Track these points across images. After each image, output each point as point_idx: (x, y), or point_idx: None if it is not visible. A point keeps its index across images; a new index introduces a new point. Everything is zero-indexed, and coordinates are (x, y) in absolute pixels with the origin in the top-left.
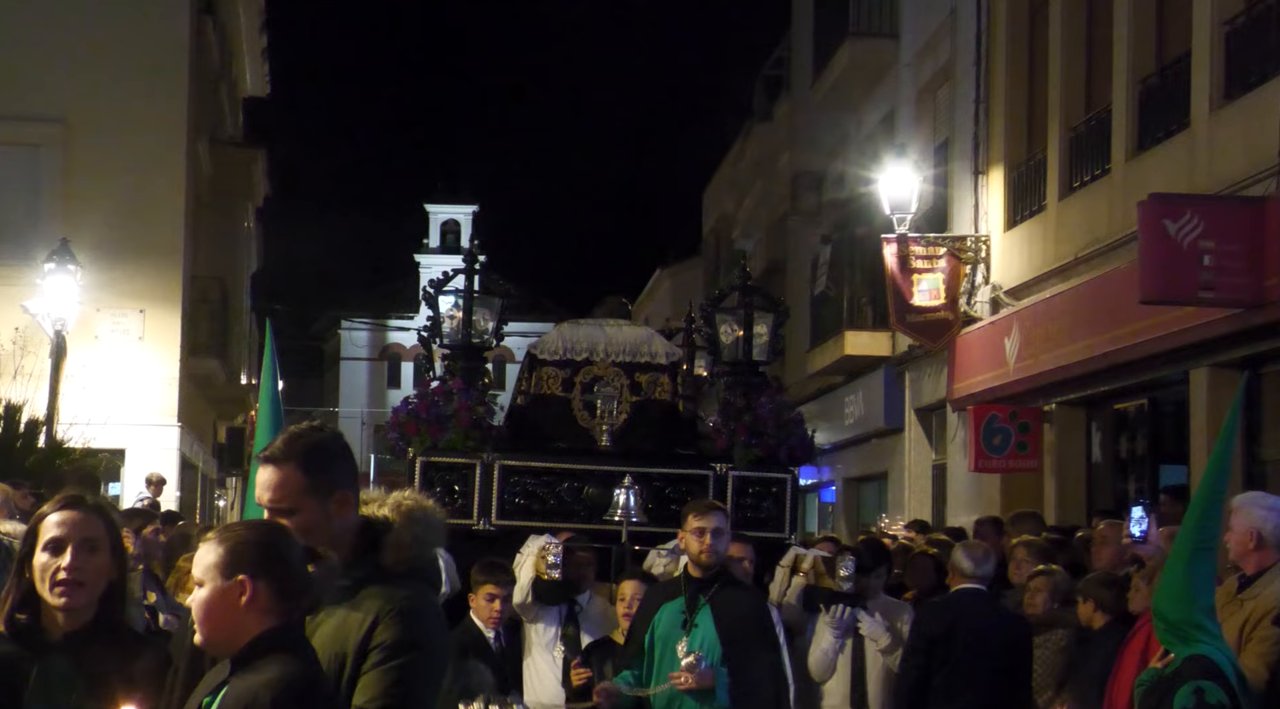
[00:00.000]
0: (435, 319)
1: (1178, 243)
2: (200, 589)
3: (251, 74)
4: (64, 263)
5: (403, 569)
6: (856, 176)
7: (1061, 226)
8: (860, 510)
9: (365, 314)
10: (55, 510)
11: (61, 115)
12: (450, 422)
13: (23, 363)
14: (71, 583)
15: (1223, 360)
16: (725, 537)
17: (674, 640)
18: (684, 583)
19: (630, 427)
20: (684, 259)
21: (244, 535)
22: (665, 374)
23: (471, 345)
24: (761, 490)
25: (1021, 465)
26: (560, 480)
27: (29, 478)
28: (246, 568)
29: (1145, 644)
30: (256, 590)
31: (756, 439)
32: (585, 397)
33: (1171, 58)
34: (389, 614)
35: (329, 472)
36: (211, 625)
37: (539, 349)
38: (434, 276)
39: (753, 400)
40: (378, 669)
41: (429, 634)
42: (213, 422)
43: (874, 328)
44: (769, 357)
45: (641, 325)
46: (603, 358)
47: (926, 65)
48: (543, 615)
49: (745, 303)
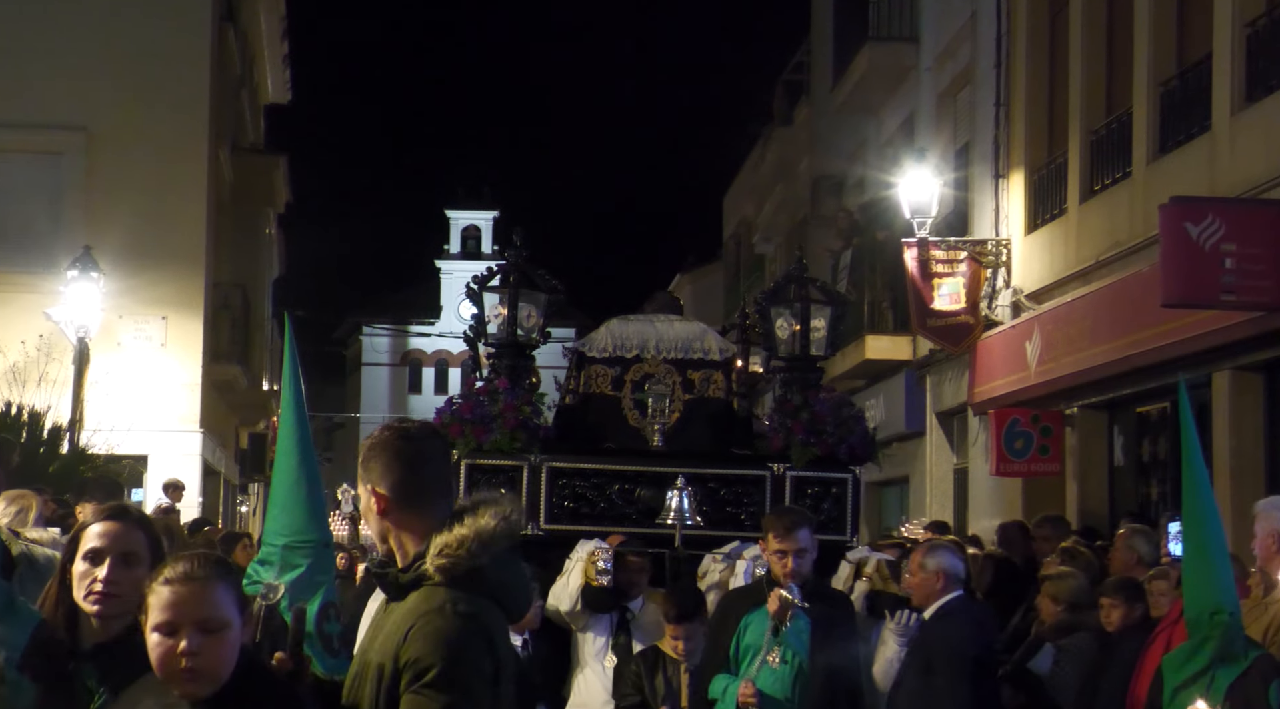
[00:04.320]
0: (480, 316)
1: (1199, 246)
2: (221, 631)
3: (273, 81)
4: (86, 270)
5: (448, 576)
6: (877, 180)
7: (1082, 230)
8: (882, 515)
9: (386, 320)
10: (98, 521)
11: (83, 123)
12: (496, 422)
13: (46, 370)
14: (106, 595)
15: (1245, 363)
16: (810, 554)
17: (765, 650)
18: (768, 590)
19: (683, 426)
20: (704, 264)
21: (214, 555)
22: (719, 371)
23: (517, 343)
24: (821, 491)
25: (1043, 469)
26: (610, 482)
27: (52, 485)
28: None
29: (1166, 648)
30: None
31: (815, 437)
32: (636, 395)
33: (1192, 60)
34: (415, 628)
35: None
36: (229, 668)
37: (587, 346)
38: (465, 281)
39: (810, 397)
40: (413, 695)
41: (459, 646)
42: (235, 428)
43: (895, 332)
44: (828, 351)
45: (693, 320)
46: (654, 355)
47: (946, 69)
48: (593, 624)
49: (802, 295)
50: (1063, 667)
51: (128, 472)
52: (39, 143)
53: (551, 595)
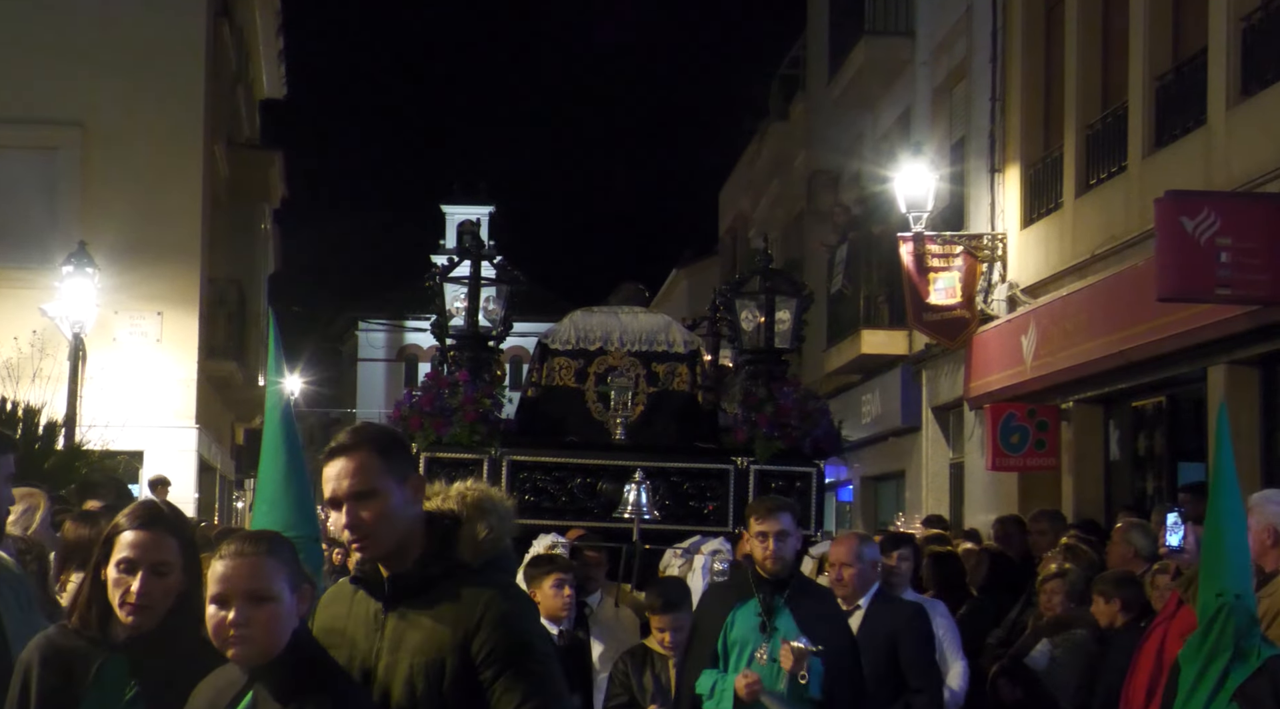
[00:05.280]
0: (441, 308)
1: (1195, 240)
2: (267, 603)
3: (268, 76)
4: (82, 266)
5: (480, 562)
6: (872, 175)
7: (1078, 224)
8: (878, 509)
9: (382, 315)
10: (131, 528)
11: (79, 119)
12: (456, 415)
13: (41, 365)
14: (139, 607)
15: (1240, 357)
16: (792, 539)
17: (753, 645)
18: (754, 584)
19: (647, 419)
20: (700, 259)
21: (279, 544)
22: (684, 364)
23: (478, 335)
24: (785, 485)
25: (1039, 464)
26: (572, 476)
27: (48, 481)
28: None
29: (1162, 642)
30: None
31: (779, 431)
32: (599, 388)
33: (1188, 54)
34: (488, 619)
35: (401, 456)
36: (277, 638)
37: (550, 338)
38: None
39: (775, 390)
40: (506, 677)
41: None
42: (230, 423)
43: (891, 326)
44: (792, 344)
45: (658, 313)
46: (618, 347)
47: (942, 63)
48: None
49: (767, 288)
50: (1060, 662)
51: (123, 467)
52: (34, 138)
53: None
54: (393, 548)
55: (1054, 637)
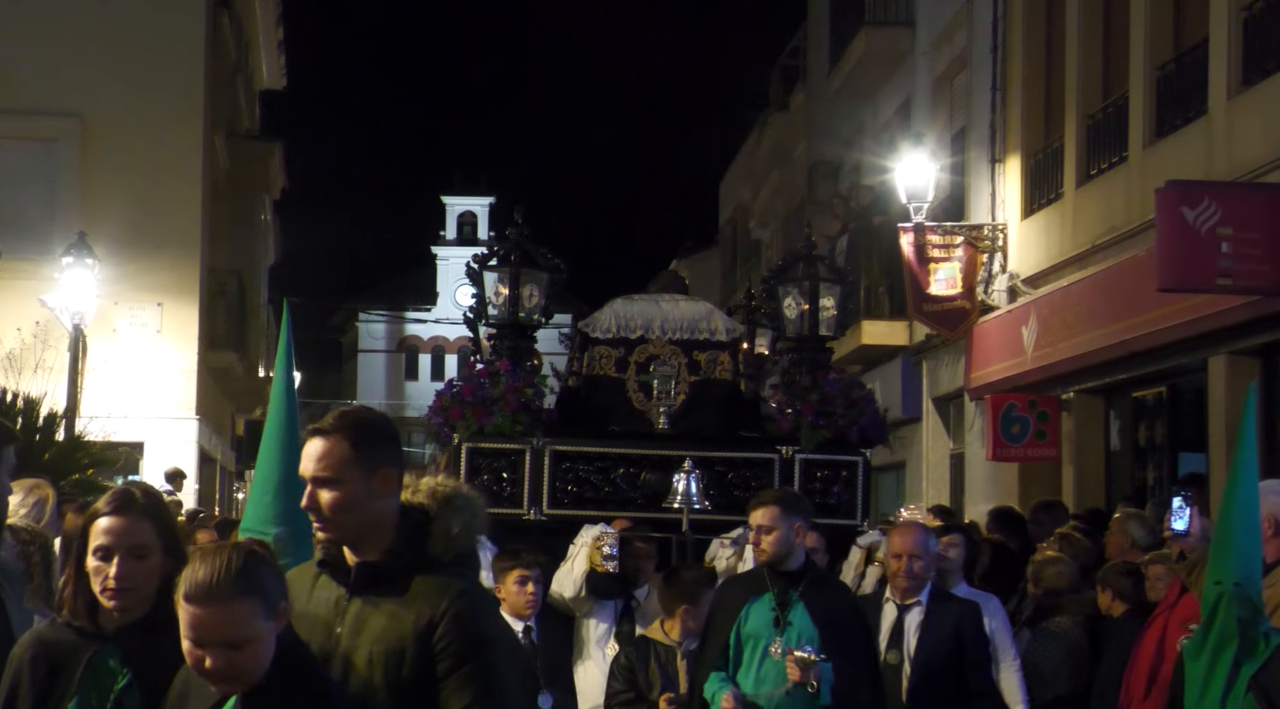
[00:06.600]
0: (481, 297)
1: (1195, 230)
2: (246, 645)
3: (268, 67)
4: (82, 257)
5: (449, 557)
6: (873, 165)
7: (1079, 214)
8: (879, 500)
9: (382, 306)
10: (105, 514)
11: (78, 110)
12: (497, 405)
13: (42, 357)
14: (119, 591)
15: (1241, 348)
16: (781, 529)
17: (766, 639)
18: (768, 578)
19: (689, 408)
20: (701, 249)
21: (237, 561)
22: (725, 352)
23: (519, 323)
24: (831, 475)
25: (1040, 454)
26: (615, 466)
27: (49, 472)
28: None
29: (1162, 633)
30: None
31: (825, 419)
32: (641, 377)
33: (1189, 44)
34: (451, 612)
35: (375, 448)
36: (260, 668)
37: (590, 326)
38: (464, 264)
39: (819, 378)
40: (460, 673)
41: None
42: (231, 414)
43: (891, 317)
44: (837, 331)
45: (699, 300)
46: (659, 335)
47: (943, 53)
48: (597, 610)
49: (810, 273)
50: (1040, 649)
51: (124, 458)
52: (34, 129)
53: (555, 581)
54: (355, 536)
55: (1036, 625)
